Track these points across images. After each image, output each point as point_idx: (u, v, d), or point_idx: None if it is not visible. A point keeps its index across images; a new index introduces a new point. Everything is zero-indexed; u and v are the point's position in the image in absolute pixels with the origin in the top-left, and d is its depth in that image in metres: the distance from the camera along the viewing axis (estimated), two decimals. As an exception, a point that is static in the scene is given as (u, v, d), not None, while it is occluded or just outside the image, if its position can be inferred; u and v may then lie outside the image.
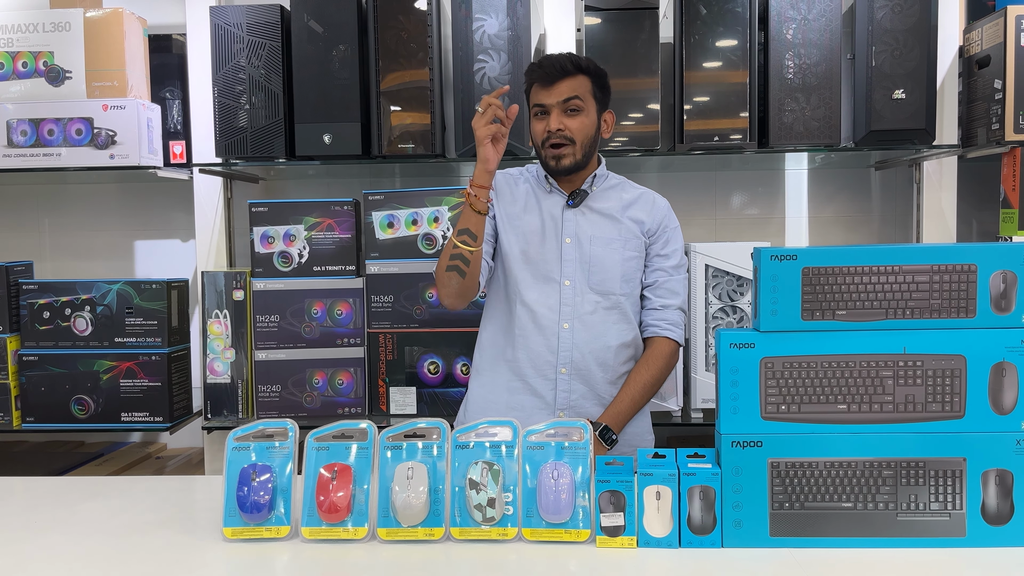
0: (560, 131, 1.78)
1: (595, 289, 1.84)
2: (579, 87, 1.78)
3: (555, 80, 1.77)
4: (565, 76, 1.77)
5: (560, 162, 1.80)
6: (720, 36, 2.31)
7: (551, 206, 1.87)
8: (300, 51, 2.35)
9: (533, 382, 1.84)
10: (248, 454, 1.42)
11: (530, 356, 1.84)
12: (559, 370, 1.83)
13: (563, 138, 1.79)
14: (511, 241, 1.86)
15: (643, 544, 1.33)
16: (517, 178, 1.93)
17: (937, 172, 2.49)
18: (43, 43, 2.42)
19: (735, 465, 1.33)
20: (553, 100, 1.78)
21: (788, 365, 1.34)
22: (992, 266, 1.32)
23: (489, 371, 1.90)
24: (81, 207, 2.86)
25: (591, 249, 1.84)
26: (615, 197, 1.89)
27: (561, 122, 1.78)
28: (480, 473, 1.36)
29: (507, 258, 1.86)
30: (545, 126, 1.79)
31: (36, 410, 2.44)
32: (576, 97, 1.78)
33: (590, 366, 1.83)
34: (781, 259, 1.34)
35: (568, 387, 1.83)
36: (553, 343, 1.83)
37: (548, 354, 1.83)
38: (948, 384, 1.32)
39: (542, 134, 1.80)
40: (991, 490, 1.31)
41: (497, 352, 1.88)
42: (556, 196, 1.88)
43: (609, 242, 1.85)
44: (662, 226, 1.89)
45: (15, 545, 1.38)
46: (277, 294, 2.40)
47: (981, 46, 2.35)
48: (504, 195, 1.90)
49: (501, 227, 1.88)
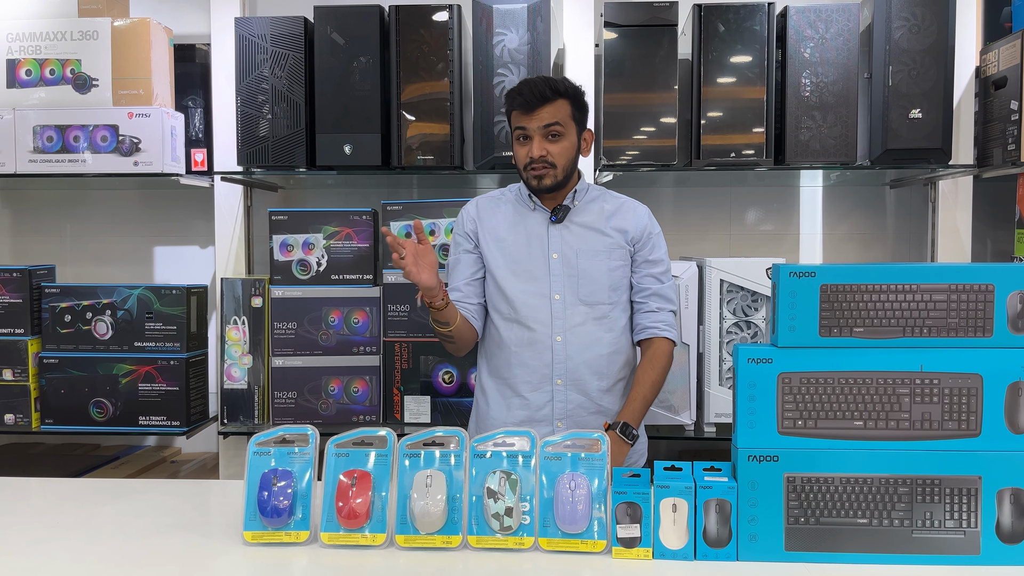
0: (542, 157, 1.85)
1: (584, 301, 1.90)
2: (559, 112, 1.84)
3: (535, 107, 1.83)
4: (544, 103, 1.83)
5: (542, 182, 1.88)
6: (738, 53, 2.33)
7: (535, 223, 1.95)
8: (322, 62, 2.38)
9: (530, 396, 1.91)
10: (269, 459, 1.44)
11: (525, 371, 1.91)
12: (555, 381, 1.90)
13: (545, 163, 1.86)
14: (499, 262, 1.94)
15: (659, 556, 1.34)
16: (499, 199, 2.01)
17: (952, 191, 2.49)
18: (71, 51, 2.46)
19: (751, 479, 1.34)
20: (534, 126, 1.84)
21: (805, 381, 1.35)
22: (1010, 286, 1.33)
23: (488, 387, 1.98)
24: (103, 213, 2.90)
25: (577, 262, 1.91)
26: (596, 209, 1.96)
27: (543, 148, 1.85)
28: (498, 482, 1.38)
29: (497, 278, 1.93)
30: (528, 151, 1.86)
31: (55, 412, 2.47)
32: (556, 123, 1.84)
33: (585, 376, 1.89)
34: (800, 276, 1.35)
35: (565, 398, 1.90)
36: (547, 357, 1.90)
37: (543, 367, 1.90)
38: (964, 403, 1.33)
39: (524, 158, 1.87)
40: (1006, 509, 1.32)
41: (494, 368, 1.96)
42: (540, 213, 1.95)
43: (595, 254, 1.92)
44: (646, 233, 1.96)
45: (41, 545, 1.41)
46: (295, 302, 2.42)
47: (998, 67, 2.36)
48: (488, 219, 1.98)
49: (488, 251, 1.96)
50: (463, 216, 2.01)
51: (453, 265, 2.01)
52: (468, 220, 2.00)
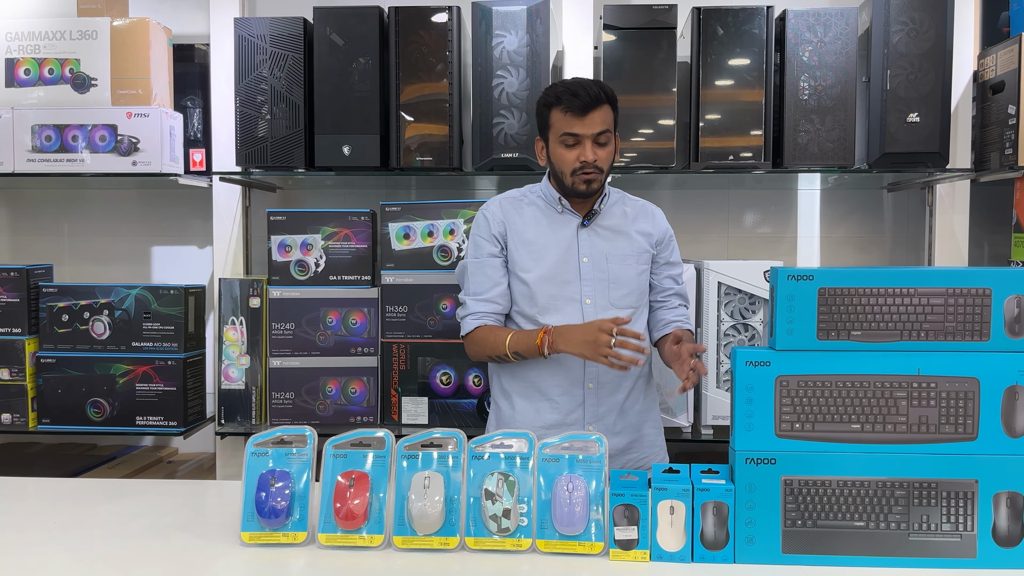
0: (595, 162, 1.82)
1: (615, 305, 1.89)
2: (607, 118, 1.83)
3: (589, 110, 1.80)
4: (598, 105, 1.80)
5: (591, 186, 1.85)
6: (736, 56, 2.33)
7: (564, 227, 1.91)
8: (322, 63, 2.38)
9: (561, 400, 1.89)
10: (267, 460, 1.44)
11: (557, 376, 1.88)
12: (587, 385, 1.88)
13: (596, 168, 1.83)
14: (529, 265, 1.89)
15: (656, 558, 1.34)
16: (520, 200, 1.96)
17: (950, 195, 2.50)
18: (70, 50, 2.46)
19: (748, 482, 1.35)
20: (588, 131, 1.81)
21: (803, 384, 1.35)
22: (1007, 290, 1.34)
23: (513, 391, 1.93)
24: (101, 212, 2.90)
25: (608, 267, 1.90)
26: (619, 212, 1.96)
27: (595, 153, 1.82)
28: (496, 484, 1.38)
29: (526, 281, 1.89)
30: (578, 155, 1.82)
31: (52, 412, 2.46)
32: (607, 130, 1.83)
33: (616, 379, 1.89)
34: (798, 279, 1.36)
35: (596, 401, 1.89)
36: (579, 361, 1.86)
37: (576, 371, 1.88)
38: (961, 406, 1.34)
39: (574, 162, 1.83)
40: (1002, 512, 1.32)
41: (519, 373, 1.91)
42: (568, 216, 1.92)
43: (624, 258, 1.91)
44: (667, 235, 1.99)
45: (39, 545, 1.40)
46: (293, 302, 2.42)
47: (996, 71, 2.37)
48: (515, 222, 1.92)
49: (518, 254, 1.91)
50: (487, 218, 1.93)
51: (476, 269, 1.92)
52: (495, 222, 1.92)
